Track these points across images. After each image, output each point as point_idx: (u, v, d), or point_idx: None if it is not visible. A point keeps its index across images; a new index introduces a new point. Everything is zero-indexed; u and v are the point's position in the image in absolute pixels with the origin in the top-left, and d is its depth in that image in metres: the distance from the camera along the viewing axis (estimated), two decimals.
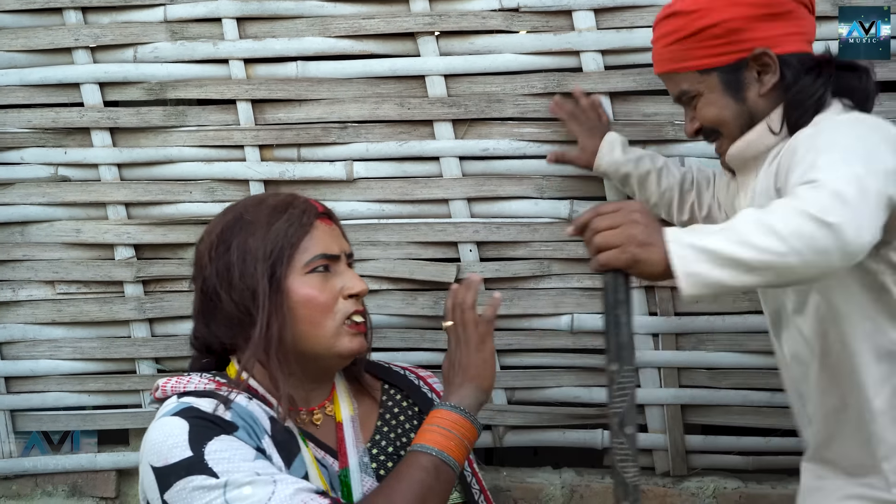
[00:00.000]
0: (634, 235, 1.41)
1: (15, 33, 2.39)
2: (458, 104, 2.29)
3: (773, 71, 1.72)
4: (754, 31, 1.73)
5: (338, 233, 1.89)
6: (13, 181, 2.44)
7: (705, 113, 1.79)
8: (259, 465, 1.63)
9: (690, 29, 1.75)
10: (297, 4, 2.31)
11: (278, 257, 1.77)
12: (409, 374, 2.01)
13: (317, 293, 1.77)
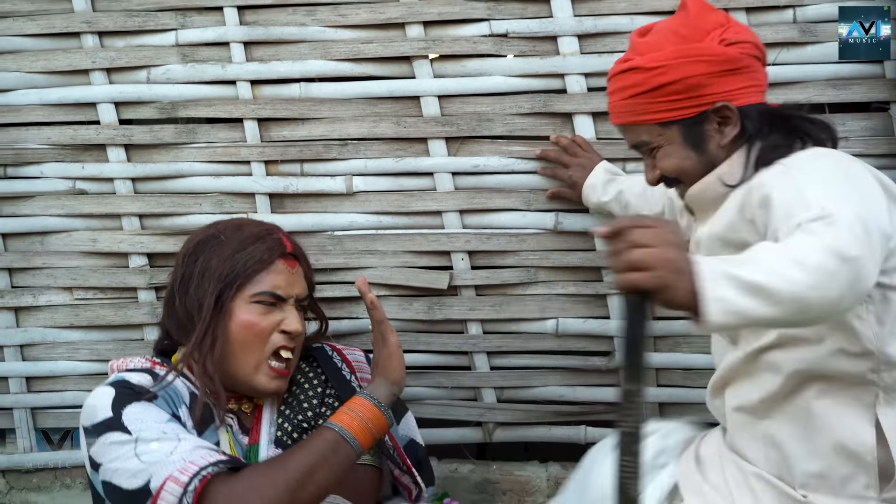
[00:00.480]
0: (671, 260, 1.34)
1: (35, 56, 2.53)
2: (450, 123, 2.43)
3: (734, 123, 1.76)
4: (713, 87, 1.75)
5: (298, 275, 2.08)
6: (34, 194, 2.58)
7: (666, 164, 1.82)
8: (168, 427, 1.85)
9: (650, 84, 1.77)
10: (300, 30, 2.45)
11: (230, 282, 1.98)
12: (325, 347, 2.20)
13: (256, 321, 1.98)
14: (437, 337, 2.52)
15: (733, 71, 1.75)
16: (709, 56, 1.72)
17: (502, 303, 2.48)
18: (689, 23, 1.80)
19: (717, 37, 1.77)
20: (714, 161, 1.78)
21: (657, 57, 1.75)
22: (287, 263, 2.06)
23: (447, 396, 2.55)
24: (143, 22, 2.48)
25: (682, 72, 1.73)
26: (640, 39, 1.84)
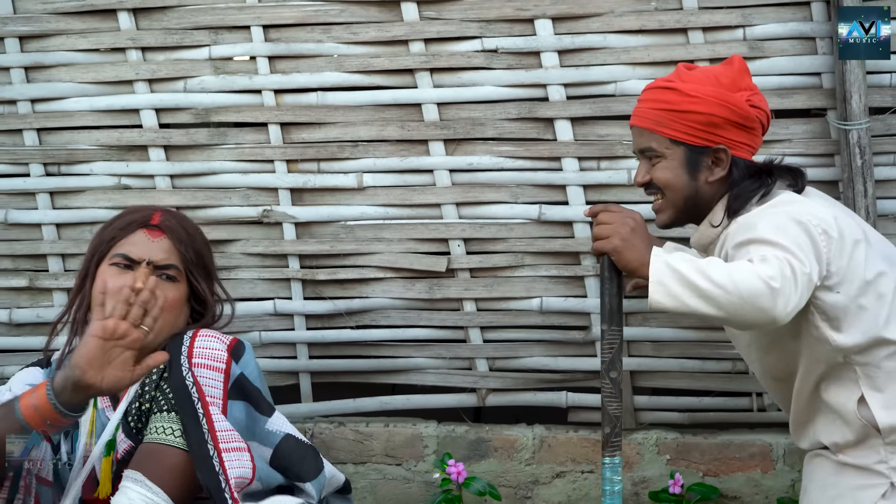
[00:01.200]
0: (620, 233, 1.92)
1: (86, 69, 2.82)
2: (448, 127, 2.73)
3: (723, 166, 2.06)
4: (725, 132, 2.04)
5: (162, 244, 2.15)
6: (84, 189, 2.86)
7: (661, 174, 2.08)
8: (19, 387, 2.09)
9: (682, 107, 2.04)
10: (317, 46, 2.74)
11: (95, 250, 2.18)
12: (189, 334, 2.11)
13: (108, 279, 2.10)
14: (437, 314, 2.81)
15: (744, 127, 2.06)
16: (735, 107, 2.03)
17: (493, 284, 2.77)
18: (731, 76, 2.08)
19: (745, 96, 2.07)
20: (697, 191, 2.08)
21: (697, 89, 2.04)
22: (149, 233, 2.17)
23: (445, 366, 2.83)
24: (180, 39, 2.78)
25: (710, 108, 2.02)
26: (686, 71, 2.12)
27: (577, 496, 2.78)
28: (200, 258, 2.23)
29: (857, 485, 2.02)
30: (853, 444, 2.03)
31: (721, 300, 1.78)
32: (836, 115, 2.57)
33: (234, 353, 2.12)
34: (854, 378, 2.01)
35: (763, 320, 1.81)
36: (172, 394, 2.00)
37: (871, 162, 2.53)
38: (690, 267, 1.81)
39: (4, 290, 2.91)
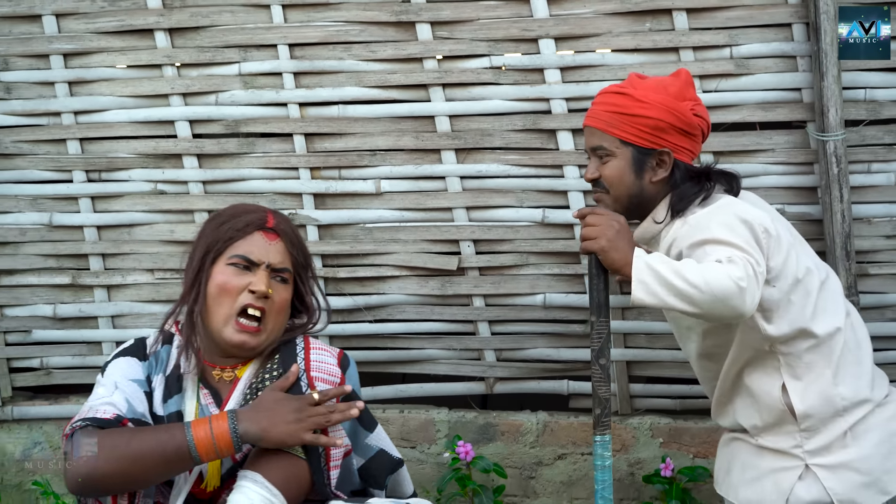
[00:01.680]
0: (606, 235, 2.06)
1: (126, 84, 3.03)
2: (459, 137, 2.93)
3: (666, 168, 2.19)
4: (670, 136, 2.19)
5: (276, 248, 2.16)
6: (122, 194, 3.07)
7: (608, 171, 2.22)
8: (122, 381, 2.08)
9: (633, 111, 2.18)
10: (339, 63, 2.95)
11: (211, 248, 2.14)
12: (300, 344, 2.18)
13: (227, 279, 2.11)
14: (448, 309, 3.04)
15: (688, 133, 2.22)
16: (681, 114, 2.19)
17: (500, 281, 2.99)
18: (678, 87, 2.23)
19: (690, 106, 2.22)
20: (640, 190, 2.22)
21: (648, 95, 2.19)
22: (266, 236, 2.16)
23: (456, 357, 3.05)
24: (212, 56, 2.98)
25: (658, 114, 2.18)
26: (638, 80, 2.26)
27: (577, 476, 3.01)
28: (307, 261, 2.27)
29: (775, 467, 2.17)
30: (770, 428, 2.19)
31: (696, 299, 1.96)
32: (814, 126, 2.78)
33: (342, 366, 2.18)
34: (776, 366, 2.17)
35: (732, 315, 2.00)
36: None
37: (846, 170, 2.75)
38: (668, 268, 1.99)
39: (49, 287, 3.14)
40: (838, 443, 2.15)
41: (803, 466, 2.15)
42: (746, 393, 2.22)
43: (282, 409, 1.99)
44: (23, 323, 3.15)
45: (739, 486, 2.22)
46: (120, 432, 1.97)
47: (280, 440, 1.97)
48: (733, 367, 2.23)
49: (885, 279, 2.87)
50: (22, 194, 3.12)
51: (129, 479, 1.96)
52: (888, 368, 2.84)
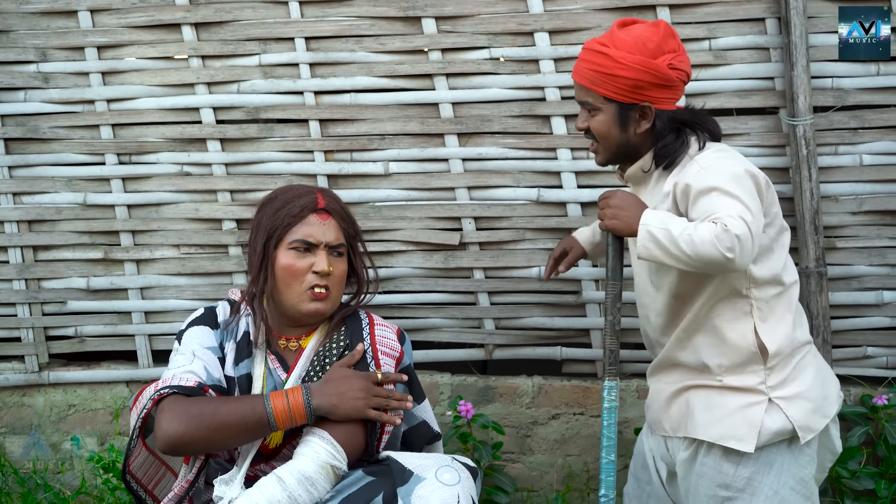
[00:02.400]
0: (617, 212, 2.29)
1: (154, 74, 3.24)
2: (461, 122, 3.15)
3: (649, 119, 2.34)
4: (650, 91, 2.31)
5: (330, 226, 2.36)
6: (151, 175, 3.27)
7: (596, 125, 2.38)
8: (199, 350, 2.29)
9: (612, 71, 2.30)
10: (351, 54, 3.16)
11: (272, 235, 2.34)
12: (364, 321, 2.43)
13: (292, 263, 2.32)
14: (451, 280, 3.25)
15: (666, 87, 2.34)
16: (657, 73, 2.30)
17: (499, 255, 3.20)
18: (657, 41, 2.32)
19: (668, 59, 2.32)
20: (627, 141, 2.37)
21: (625, 57, 2.29)
22: (319, 217, 2.36)
23: (458, 326, 3.26)
24: (234, 49, 3.20)
25: (636, 74, 2.30)
26: (619, 34, 2.33)
27: (569, 434, 3.25)
28: (356, 232, 2.48)
29: (742, 404, 2.34)
30: (736, 368, 2.35)
31: (688, 263, 2.18)
32: (786, 112, 3.03)
33: (400, 340, 2.43)
34: (748, 310, 2.35)
35: (722, 272, 2.24)
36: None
37: (815, 152, 2.99)
38: (666, 235, 2.18)
39: (83, 262, 3.36)
40: (790, 378, 2.37)
41: (767, 400, 2.34)
42: (713, 333, 2.38)
43: (350, 387, 2.23)
44: (59, 294, 3.37)
45: (709, 425, 2.36)
46: (206, 401, 2.20)
47: (347, 415, 2.22)
48: (705, 306, 2.37)
49: (851, 252, 3.12)
50: (58, 176, 3.32)
51: (214, 443, 2.20)
52: (855, 335, 3.13)
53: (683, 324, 2.42)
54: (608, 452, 2.37)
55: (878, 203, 3.08)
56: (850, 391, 3.13)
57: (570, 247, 2.85)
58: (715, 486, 2.37)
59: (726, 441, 2.34)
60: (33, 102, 3.30)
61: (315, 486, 2.17)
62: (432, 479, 2.14)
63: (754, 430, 2.33)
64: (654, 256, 2.23)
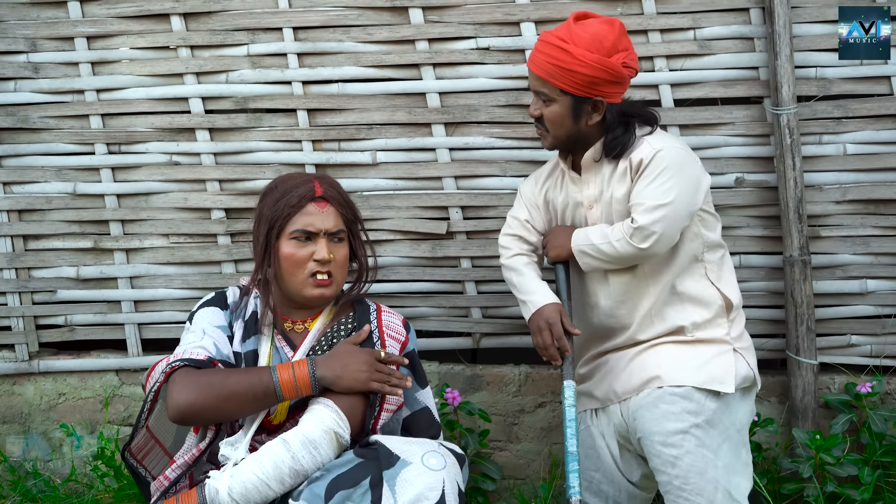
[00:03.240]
0: (554, 243, 2.67)
1: (143, 64, 3.26)
2: (448, 112, 3.17)
3: (600, 112, 2.53)
4: (602, 87, 2.49)
5: (329, 213, 2.44)
6: (141, 165, 3.29)
7: (550, 114, 2.53)
8: (209, 328, 2.40)
9: (570, 67, 2.45)
10: (338, 45, 3.18)
11: (273, 225, 2.43)
12: (372, 307, 2.54)
13: (293, 252, 2.42)
14: (438, 270, 3.27)
15: (617, 83, 2.52)
16: (611, 71, 2.48)
17: (486, 244, 3.22)
18: (612, 39, 2.48)
19: (622, 58, 2.50)
20: (578, 131, 2.56)
21: (584, 55, 2.45)
22: (317, 205, 2.44)
23: (446, 314, 3.28)
24: (223, 39, 3.22)
25: (592, 72, 2.46)
26: (576, 30, 2.48)
27: (555, 422, 3.27)
28: (356, 217, 2.56)
29: (715, 353, 2.58)
30: (707, 323, 2.59)
31: (617, 262, 2.57)
32: (770, 102, 3.05)
33: (406, 328, 2.55)
34: (703, 273, 2.62)
35: (645, 260, 2.56)
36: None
37: (798, 141, 3.02)
38: (592, 247, 2.56)
39: (73, 251, 3.38)
40: (742, 331, 2.65)
41: (732, 349, 2.59)
42: (679, 299, 2.61)
43: (354, 360, 2.33)
44: (49, 283, 3.38)
45: (691, 373, 2.54)
46: (215, 372, 2.29)
47: (350, 386, 2.30)
48: (670, 279, 2.61)
49: (834, 241, 3.14)
50: (48, 165, 3.34)
51: (223, 412, 2.29)
52: (839, 323, 3.16)
53: (652, 300, 2.61)
54: (572, 444, 2.49)
55: (861, 192, 3.10)
56: (834, 379, 3.16)
57: (559, 312, 2.65)
58: (685, 412, 2.51)
59: (710, 384, 2.53)
60: (23, 92, 3.32)
61: (318, 451, 2.24)
62: (418, 463, 2.17)
63: (731, 374, 2.55)
64: (592, 266, 2.61)
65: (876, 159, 3.10)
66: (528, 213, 2.79)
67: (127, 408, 3.40)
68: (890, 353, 3.17)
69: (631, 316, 2.64)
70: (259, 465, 2.22)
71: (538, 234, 2.79)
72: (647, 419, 2.54)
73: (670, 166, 2.50)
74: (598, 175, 2.63)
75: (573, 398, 2.53)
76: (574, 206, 2.70)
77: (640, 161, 2.52)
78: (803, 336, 3.07)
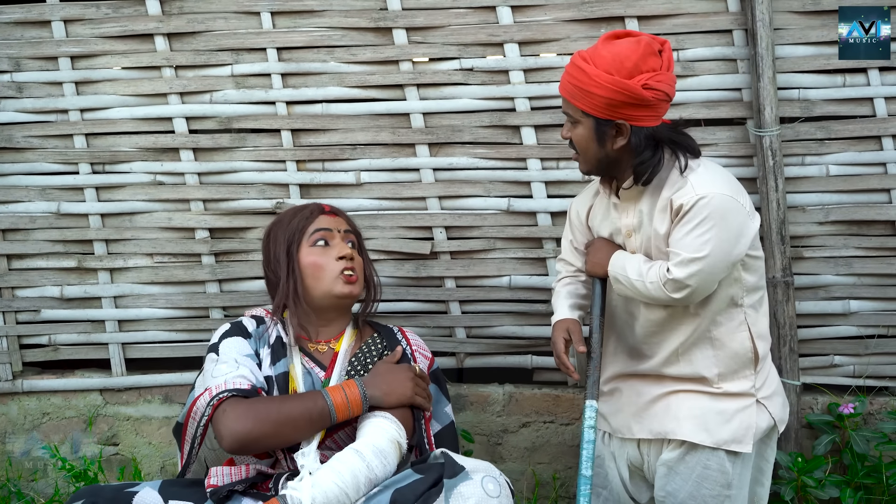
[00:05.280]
0: (593, 258, 2.57)
1: (128, 84, 3.25)
2: (432, 133, 3.17)
3: (624, 136, 2.37)
4: (624, 110, 2.34)
5: (340, 220, 2.62)
6: (125, 184, 3.29)
7: (576, 137, 2.43)
8: (241, 357, 2.44)
9: (587, 87, 2.33)
10: (322, 65, 3.18)
11: (292, 240, 2.55)
12: (395, 329, 2.70)
13: (317, 258, 2.55)
14: (422, 289, 3.27)
15: (641, 105, 2.35)
16: (630, 93, 2.31)
17: (470, 264, 3.22)
18: (634, 60, 2.33)
19: (643, 79, 2.32)
20: (605, 155, 2.42)
21: (600, 76, 2.32)
22: (328, 216, 2.63)
23: (430, 334, 3.26)
24: (207, 59, 3.22)
25: (608, 94, 2.33)
26: (601, 49, 2.37)
27: (539, 442, 3.27)
28: (361, 237, 2.71)
29: (738, 407, 2.49)
30: (732, 375, 2.50)
31: (646, 299, 2.47)
32: (753, 123, 3.05)
33: (428, 348, 2.72)
34: (742, 319, 2.50)
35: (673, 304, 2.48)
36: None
37: (781, 162, 3.02)
38: (626, 279, 2.46)
39: (57, 270, 3.37)
40: (768, 377, 2.57)
41: (755, 402, 2.52)
42: (711, 345, 2.51)
43: (397, 378, 2.46)
44: (32, 303, 3.38)
45: (713, 431, 2.48)
46: (268, 400, 2.37)
47: (398, 401, 2.44)
48: (706, 320, 2.50)
49: (818, 262, 3.14)
50: (32, 185, 3.34)
51: (280, 438, 2.36)
52: (822, 344, 3.16)
53: (681, 339, 2.53)
54: (586, 468, 2.42)
55: (844, 213, 3.11)
56: (817, 400, 3.16)
57: (566, 329, 2.62)
58: (719, 486, 2.50)
59: (730, 445, 2.48)
60: (7, 112, 3.32)
61: (387, 459, 2.34)
62: (478, 482, 2.23)
63: (750, 432, 2.50)
64: (623, 293, 2.53)
65: (859, 180, 3.10)
66: (572, 235, 2.75)
67: (111, 427, 3.39)
68: (873, 373, 3.17)
69: (659, 347, 2.56)
70: (338, 474, 2.27)
71: (583, 253, 2.72)
72: (667, 479, 2.55)
73: (711, 216, 2.35)
74: (637, 204, 2.51)
75: (593, 420, 2.44)
76: (612, 233, 2.61)
77: (681, 205, 2.38)
78: (786, 357, 3.07)
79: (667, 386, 2.56)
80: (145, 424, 3.38)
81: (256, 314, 2.64)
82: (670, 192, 2.43)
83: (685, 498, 2.52)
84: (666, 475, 2.54)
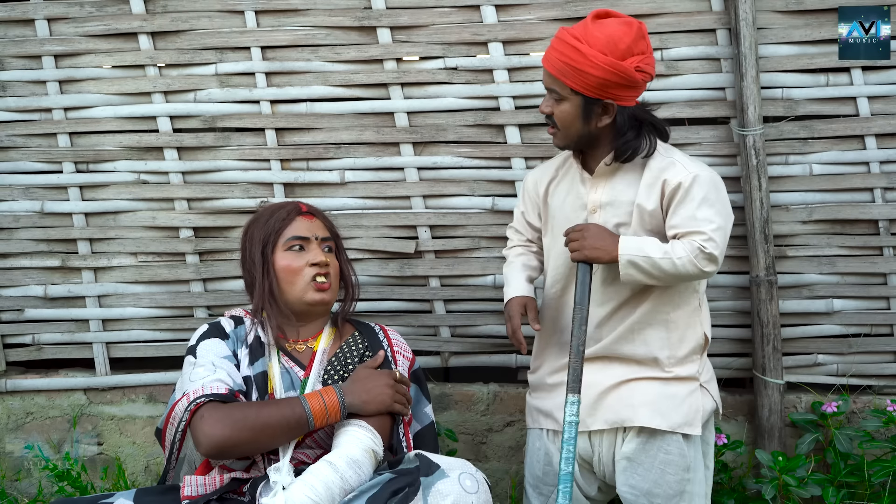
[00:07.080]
0: (586, 242, 2.44)
1: (111, 83, 3.25)
2: (416, 132, 3.18)
3: (610, 115, 2.44)
4: (614, 90, 2.39)
5: (317, 224, 2.56)
6: (109, 184, 3.29)
7: (560, 113, 2.45)
8: (218, 360, 2.41)
9: (582, 68, 2.36)
10: (306, 63, 3.19)
11: (267, 241, 2.51)
12: (377, 328, 2.65)
13: (290, 263, 2.51)
14: (407, 289, 3.28)
15: (630, 87, 2.42)
16: (624, 74, 2.37)
17: (454, 263, 3.23)
18: (628, 42, 2.37)
19: (636, 62, 2.39)
20: (588, 132, 2.47)
21: (596, 55, 2.35)
22: (305, 217, 2.56)
23: (414, 333, 3.27)
24: (191, 58, 3.21)
25: (604, 74, 2.37)
26: (592, 28, 2.38)
27: (524, 441, 3.22)
28: (339, 238, 2.67)
29: (686, 392, 2.55)
30: (683, 359, 2.55)
31: (666, 280, 2.44)
32: (736, 122, 3.06)
33: (409, 348, 2.68)
34: (696, 304, 2.58)
35: (696, 280, 2.53)
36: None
37: (764, 161, 3.03)
38: (648, 261, 2.40)
39: (40, 269, 3.37)
40: (705, 363, 2.64)
41: (699, 386, 2.57)
42: (665, 326, 2.55)
43: (377, 383, 2.42)
44: (16, 302, 3.38)
45: (667, 415, 2.51)
46: (246, 406, 2.34)
47: (377, 409, 2.40)
48: (660, 300, 2.54)
49: (801, 261, 3.15)
50: (16, 184, 3.33)
51: (257, 444, 2.33)
52: (805, 342, 3.17)
53: (634, 317, 2.56)
54: (567, 464, 2.42)
55: (827, 212, 3.11)
56: (800, 398, 3.17)
57: (524, 305, 2.69)
58: (681, 470, 2.53)
59: (683, 428, 2.52)
60: None
61: (361, 469, 2.31)
62: (454, 479, 2.23)
63: (699, 415, 2.55)
64: (636, 280, 2.46)
65: (842, 179, 3.11)
66: (524, 206, 2.77)
67: (95, 427, 3.39)
68: (856, 372, 3.18)
69: (617, 324, 2.57)
70: (311, 487, 2.25)
71: (532, 228, 2.77)
72: (629, 471, 2.55)
73: (712, 190, 2.46)
74: (609, 181, 2.55)
75: (575, 415, 2.42)
76: (575, 207, 2.61)
77: (677, 184, 2.44)
78: (769, 355, 3.08)
79: (618, 374, 2.57)
80: (129, 424, 3.38)
81: (235, 314, 2.63)
82: (658, 170, 2.49)
83: (650, 487, 2.53)
84: (627, 469, 2.55)
